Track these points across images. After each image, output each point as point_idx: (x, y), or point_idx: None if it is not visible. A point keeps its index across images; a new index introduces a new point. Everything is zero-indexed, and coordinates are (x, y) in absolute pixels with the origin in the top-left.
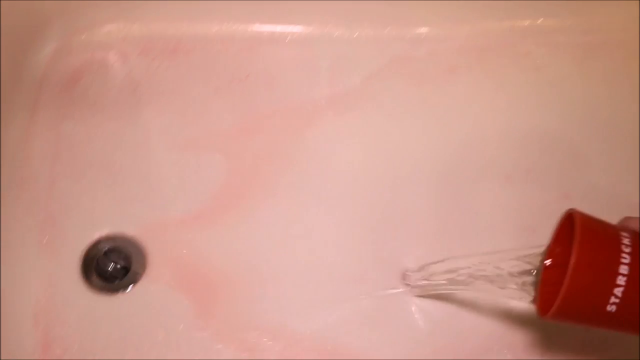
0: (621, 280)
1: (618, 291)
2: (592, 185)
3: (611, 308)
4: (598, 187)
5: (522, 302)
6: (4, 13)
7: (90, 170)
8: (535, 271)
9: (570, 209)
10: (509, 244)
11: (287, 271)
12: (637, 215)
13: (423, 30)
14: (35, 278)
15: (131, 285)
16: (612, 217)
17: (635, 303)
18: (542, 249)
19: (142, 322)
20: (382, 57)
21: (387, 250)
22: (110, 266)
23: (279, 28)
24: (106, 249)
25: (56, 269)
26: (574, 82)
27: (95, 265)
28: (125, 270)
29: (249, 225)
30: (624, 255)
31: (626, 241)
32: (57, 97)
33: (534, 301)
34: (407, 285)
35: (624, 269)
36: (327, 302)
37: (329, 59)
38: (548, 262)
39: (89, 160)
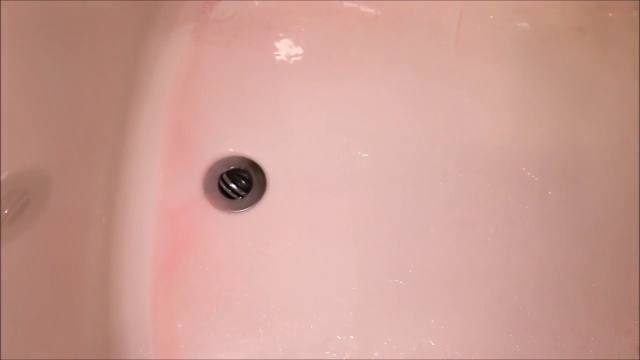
0: None
1: None
2: None
3: None
4: None
5: None
6: None
7: (221, 92)
8: None
9: None
10: None
11: None
12: None
13: None
14: (157, 189)
15: (249, 206)
16: None
17: None
18: None
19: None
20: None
21: None
22: (232, 185)
23: None
24: (230, 168)
25: (177, 183)
26: None
27: (217, 182)
28: (246, 190)
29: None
30: None
31: None
32: (193, 17)
33: None
34: None
35: None
36: None
37: (458, 6)
38: None
39: (221, 82)
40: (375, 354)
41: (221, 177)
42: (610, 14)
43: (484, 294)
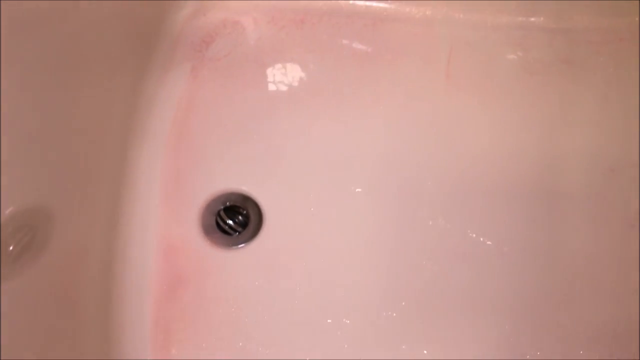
0: None
1: None
2: None
3: None
4: None
5: None
6: None
7: (218, 129)
8: None
9: None
10: None
11: None
12: None
13: (538, 19)
14: (156, 225)
15: (246, 242)
16: None
17: None
18: None
19: (254, 276)
20: (499, 44)
21: None
22: (229, 221)
23: (402, 6)
24: (227, 204)
25: (176, 220)
26: None
27: (215, 219)
28: (243, 226)
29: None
30: None
31: None
32: (190, 56)
33: None
34: None
35: None
36: None
37: (448, 40)
38: None
39: (218, 119)
40: None
41: (218, 214)
42: (596, 47)
43: (477, 324)
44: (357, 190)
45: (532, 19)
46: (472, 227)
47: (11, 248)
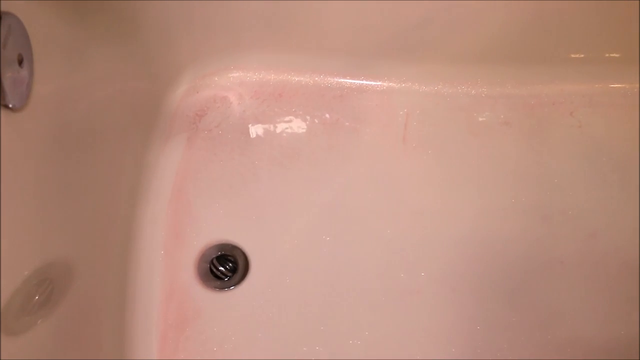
0: None
1: None
2: None
3: None
4: None
5: None
6: (151, 63)
7: (210, 190)
8: None
9: None
10: None
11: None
12: None
13: (484, 89)
14: (160, 273)
15: (236, 285)
16: None
17: None
18: None
19: (244, 313)
20: (449, 110)
21: None
22: (220, 267)
23: (365, 82)
24: (219, 253)
25: (177, 268)
26: None
27: (209, 266)
28: (233, 271)
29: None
30: None
31: None
32: (186, 128)
33: None
34: None
35: None
36: None
37: (405, 108)
38: None
39: (210, 181)
40: None
41: (212, 262)
42: (531, 110)
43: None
44: (326, 238)
45: (477, 88)
46: (425, 270)
47: (36, 298)
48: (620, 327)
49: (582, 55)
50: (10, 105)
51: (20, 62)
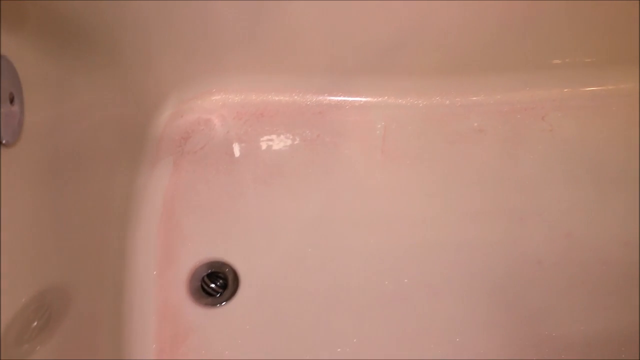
0: None
1: None
2: None
3: None
4: None
5: None
6: (135, 90)
7: (198, 209)
8: None
9: None
10: None
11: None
12: None
13: (458, 99)
14: (153, 292)
15: (227, 301)
16: None
17: None
18: None
19: (236, 328)
20: (424, 121)
21: None
22: (211, 284)
23: (343, 98)
24: (209, 271)
25: (169, 286)
26: None
27: (200, 284)
28: (223, 287)
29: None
30: None
31: None
32: (172, 151)
33: None
34: None
35: None
36: None
37: (382, 121)
38: None
39: (198, 201)
40: None
41: (203, 279)
42: (505, 117)
43: None
44: (312, 251)
45: (451, 98)
46: (408, 277)
47: (35, 324)
48: (599, 323)
49: (553, 61)
50: (4, 142)
51: (11, 100)
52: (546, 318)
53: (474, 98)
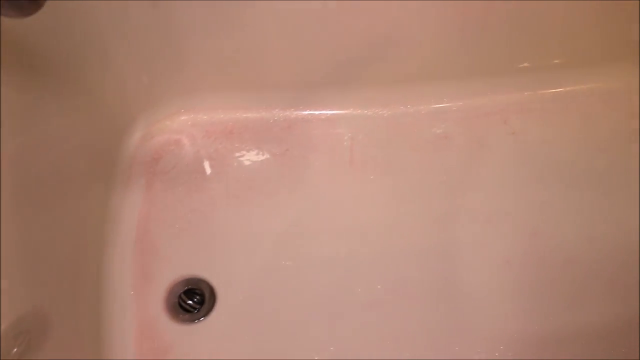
0: None
1: None
2: None
3: None
4: None
5: None
6: (104, 114)
7: (172, 228)
8: None
9: None
10: None
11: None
12: None
13: (421, 107)
14: (131, 311)
15: (205, 316)
16: None
17: None
18: None
19: (215, 344)
20: (390, 130)
21: None
22: (189, 301)
23: (310, 112)
24: (186, 288)
25: (147, 305)
26: None
27: (177, 300)
28: (201, 303)
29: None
30: None
31: None
32: (144, 172)
33: None
34: None
35: None
36: None
37: (349, 133)
38: None
39: (172, 220)
40: None
41: (180, 296)
42: (468, 122)
43: None
44: (286, 263)
45: (415, 107)
46: (381, 283)
47: (15, 350)
48: (567, 320)
49: (512, 66)
50: None
51: None
52: (516, 317)
53: (437, 105)
